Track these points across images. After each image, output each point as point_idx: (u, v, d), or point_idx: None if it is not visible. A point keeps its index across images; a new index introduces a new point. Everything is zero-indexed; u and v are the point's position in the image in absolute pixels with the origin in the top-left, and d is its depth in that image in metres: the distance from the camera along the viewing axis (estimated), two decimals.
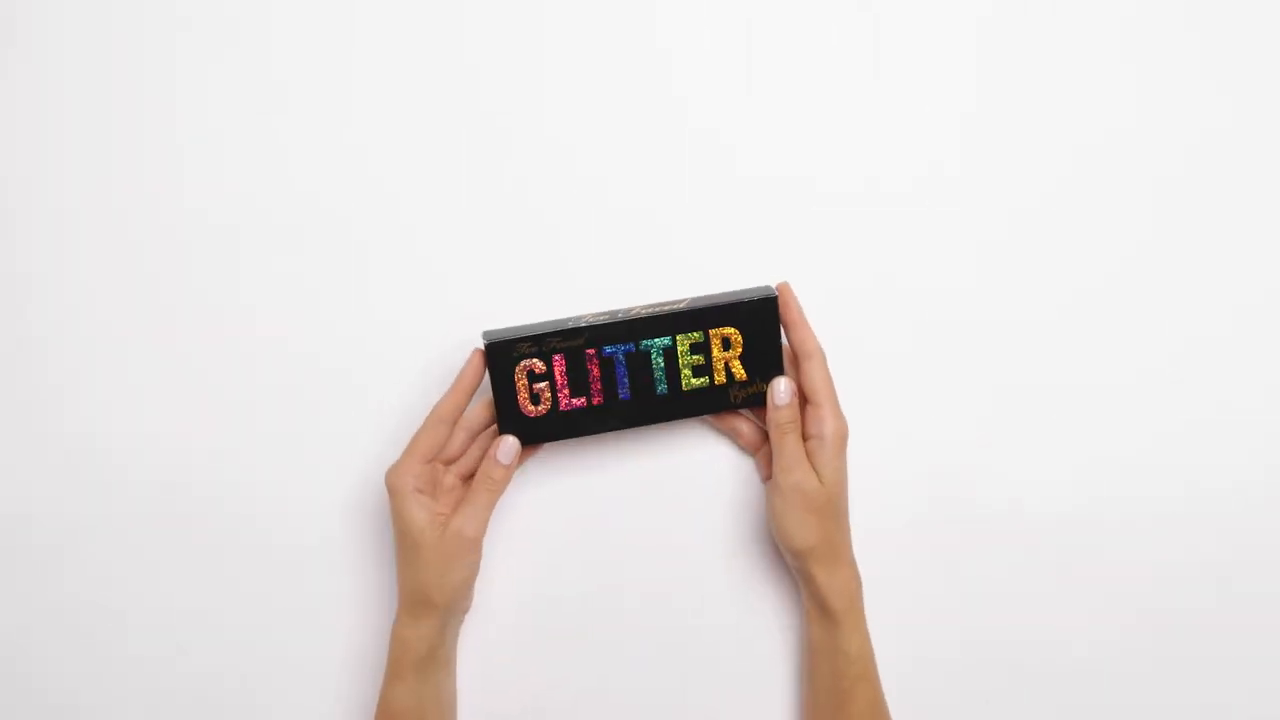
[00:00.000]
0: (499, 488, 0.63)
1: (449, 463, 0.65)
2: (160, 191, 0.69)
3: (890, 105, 0.68)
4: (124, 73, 0.68)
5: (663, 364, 0.64)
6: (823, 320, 0.65)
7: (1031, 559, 0.69)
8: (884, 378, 0.68)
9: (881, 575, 0.67)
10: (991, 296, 0.69)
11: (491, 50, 0.68)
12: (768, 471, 0.66)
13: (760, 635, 0.69)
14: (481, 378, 0.64)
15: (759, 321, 0.64)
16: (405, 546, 0.63)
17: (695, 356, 0.64)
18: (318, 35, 0.68)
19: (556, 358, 0.63)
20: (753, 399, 0.65)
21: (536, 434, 0.64)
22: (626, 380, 0.64)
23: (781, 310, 0.64)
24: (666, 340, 0.64)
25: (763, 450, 0.67)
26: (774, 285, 0.65)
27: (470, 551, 0.63)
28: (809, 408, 0.64)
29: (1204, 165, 0.69)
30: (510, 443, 0.63)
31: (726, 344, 0.64)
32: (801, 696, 0.68)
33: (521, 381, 0.63)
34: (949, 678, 0.69)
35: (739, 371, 0.64)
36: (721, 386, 0.64)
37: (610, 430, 0.65)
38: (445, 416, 0.63)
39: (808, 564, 0.63)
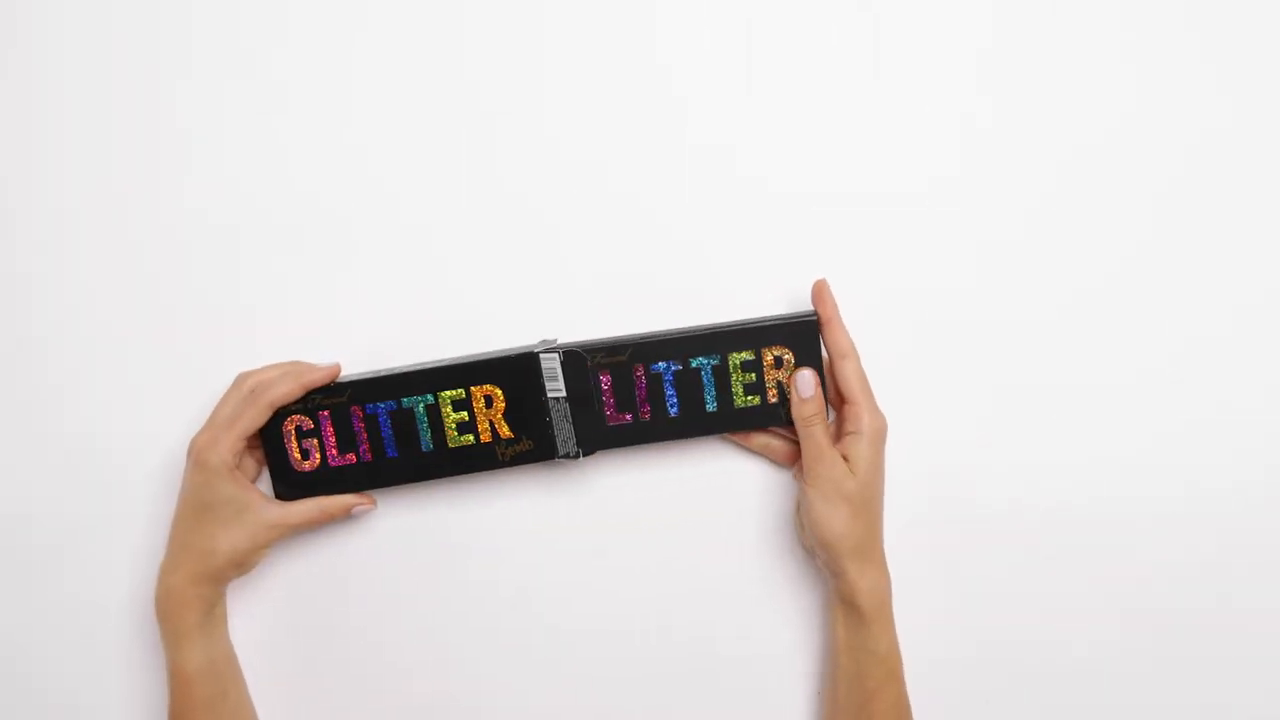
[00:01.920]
0: (326, 521, 0.66)
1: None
2: (160, 191, 0.69)
3: (890, 106, 0.68)
4: (124, 72, 0.68)
5: (426, 420, 0.65)
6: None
7: (1031, 559, 0.69)
8: (884, 378, 0.68)
9: None
10: (992, 296, 0.69)
11: (492, 51, 0.68)
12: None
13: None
14: (331, 380, 0.65)
15: (524, 376, 0.64)
16: (215, 519, 0.63)
17: (460, 414, 0.65)
18: (318, 35, 0.68)
19: (323, 414, 0.64)
20: (521, 457, 0.65)
21: (308, 488, 0.65)
22: (392, 436, 0.65)
23: (818, 306, 0.64)
24: (429, 398, 0.64)
25: (798, 463, 0.67)
26: (543, 342, 0.65)
27: (282, 535, 0.65)
28: (846, 406, 0.64)
29: (1204, 165, 0.69)
30: (361, 509, 0.67)
31: (489, 402, 0.64)
32: (823, 696, 0.68)
33: (291, 437, 0.65)
34: (948, 677, 0.70)
35: (503, 429, 0.65)
36: (488, 444, 0.65)
37: (383, 486, 0.66)
38: (276, 403, 0.64)
39: (839, 557, 0.63)
